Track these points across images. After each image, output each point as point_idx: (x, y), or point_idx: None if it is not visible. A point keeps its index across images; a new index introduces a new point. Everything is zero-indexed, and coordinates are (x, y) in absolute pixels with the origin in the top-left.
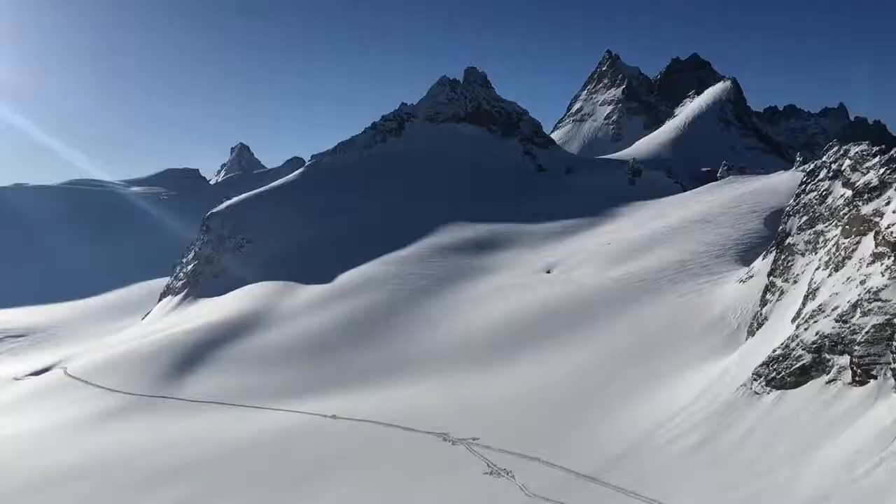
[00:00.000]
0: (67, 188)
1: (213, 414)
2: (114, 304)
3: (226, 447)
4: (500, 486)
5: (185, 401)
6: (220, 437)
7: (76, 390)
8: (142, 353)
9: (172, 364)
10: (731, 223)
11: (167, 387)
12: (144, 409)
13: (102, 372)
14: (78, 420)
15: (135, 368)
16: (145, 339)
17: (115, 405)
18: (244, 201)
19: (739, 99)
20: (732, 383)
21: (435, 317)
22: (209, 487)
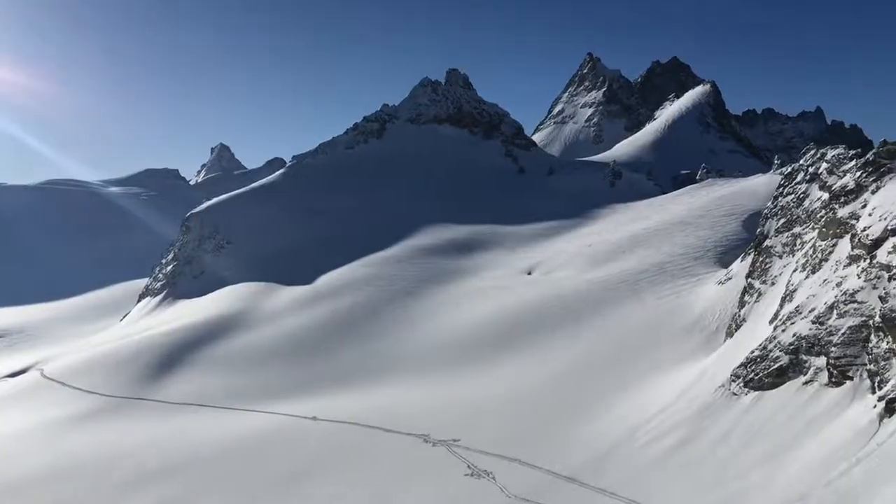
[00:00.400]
0: (45, 188)
1: (193, 416)
2: (92, 304)
3: (205, 449)
4: (481, 488)
5: (164, 403)
6: (199, 439)
7: (53, 392)
8: (120, 354)
9: (151, 365)
10: (710, 225)
11: (146, 389)
12: (123, 411)
13: (80, 373)
14: (55, 422)
15: (113, 370)
16: (124, 340)
17: (92, 407)
18: (224, 202)
19: (718, 102)
20: (711, 384)
21: (416, 318)
22: (188, 490)
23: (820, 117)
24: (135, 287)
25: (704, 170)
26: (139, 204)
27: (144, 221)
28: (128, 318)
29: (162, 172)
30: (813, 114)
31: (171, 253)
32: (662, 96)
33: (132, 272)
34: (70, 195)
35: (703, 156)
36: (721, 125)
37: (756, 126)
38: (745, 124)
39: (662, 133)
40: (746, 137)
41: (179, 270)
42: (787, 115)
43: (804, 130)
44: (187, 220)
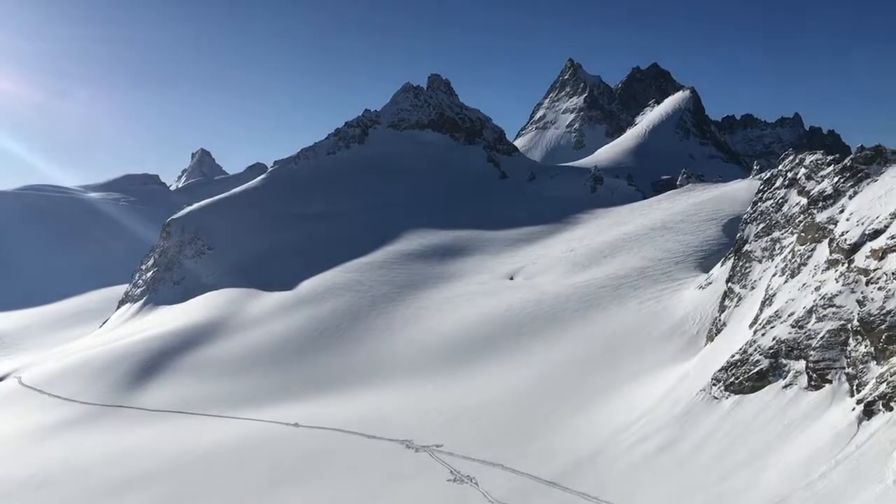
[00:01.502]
0: (22, 193)
1: (173, 423)
2: (71, 311)
3: (186, 456)
4: (464, 493)
5: (144, 410)
6: (178, 446)
7: (31, 400)
8: (99, 361)
9: (131, 373)
10: (690, 230)
11: (125, 396)
12: (102, 418)
13: (58, 381)
14: (33, 430)
15: (92, 377)
16: (103, 347)
17: (72, 415)
18: (205, 207)
19: (698, 108)
20: (692, 388)
21: (398, 324)
22: (169, 496)
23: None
24: (114, 293)
25: (685, 175)
26: (119, 209)
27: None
28: (107, 325)
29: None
30: (791, 119)
31: (151, 259)
32: (643, 102)
33: (112, 278)
34: (48, 201)
35: (683, 161)
36: (701, 131)
37: (735, 132)
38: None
39: (643, 138)
40: (726, 143)
41: (160, 276)
42: (766, 121)
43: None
44: (168, 225)
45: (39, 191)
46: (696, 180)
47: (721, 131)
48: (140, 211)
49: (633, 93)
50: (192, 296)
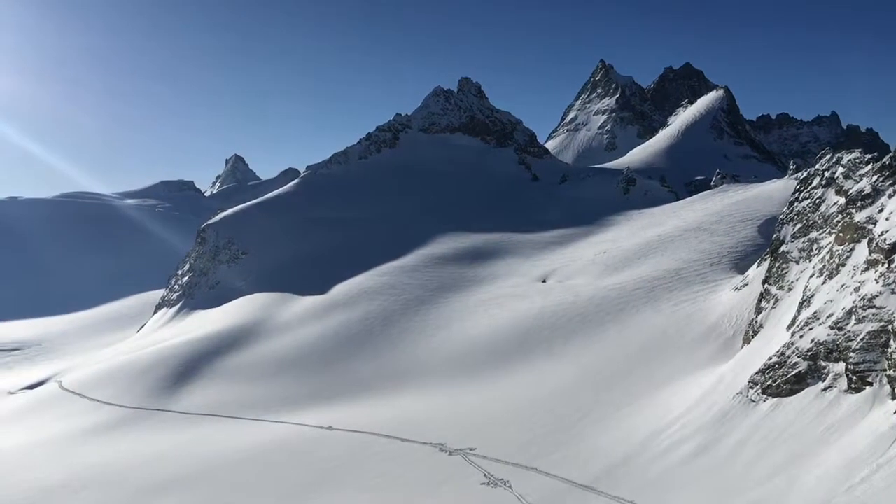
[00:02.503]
0: (62, 201)
1: (209, 426)
2: (109, 316)
3: (221, 460)
4: (498, 497)
5: (180, 413)
6: (214, 449)
7: (71, 403)
8: (136, 365)
9: (167, 376)
10: (725, 231)
11: (162, 399)
12: (139, 421)
13: (97, 385)
14: (73, 433)
15: (129, 381)
16: (140, 351)
17: (110, 418)
18: (239, 213)
19: (732, 107)
20: (728, 391)
21: (430, 327)
22: (205, 499)
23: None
24: (151, 298)
25: (719, 175)
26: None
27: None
28: (144, 330)
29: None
30: (828, 118)
31: (186, 264)
32: (675, 102)
33: (148, 284)
34: (86, 208)
35: (717, 161)
36: (735, 130)
37: (771, 131)
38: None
39: (676, 139)
40: (761, 143)
41: (195, 281)
42: (802, 120)
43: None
44: (203, 231)
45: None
46: (731, 181)
47: (756, 131)
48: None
49: (665, 93)
50: (227, 300)
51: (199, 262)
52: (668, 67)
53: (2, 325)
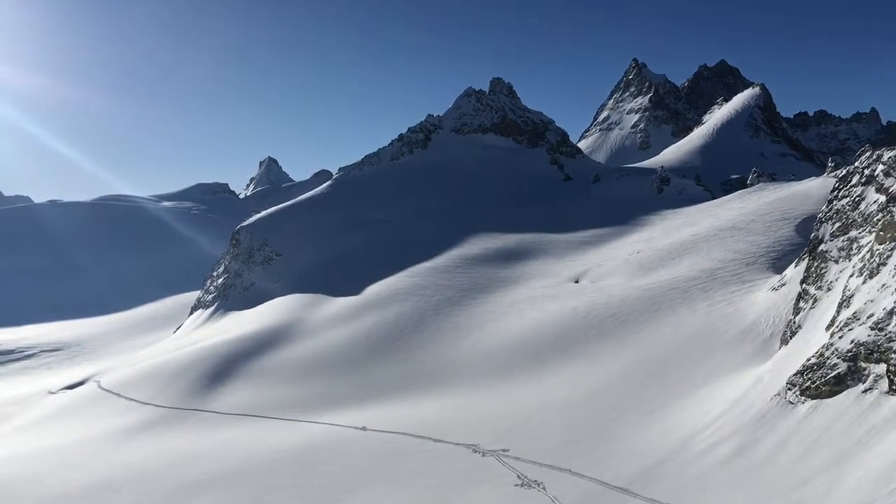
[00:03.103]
0: (99, 204)
1: (244, 426)
2: (145, 318)
3: (256, 459)
4: (532, 498)
5: (216, 413)
6: (250, 449)
7: (109, 403)
8: (173, 366)
9: (203, 377)
10: (762, 230)
11: (198, 400)
12: (176, 421)
13: (134, 385)
14: (112, 432)
15: (166, 381)
16: (177, 352)
17: (147, 418)
18: (273, 215)
19: (769, 105)
20: (766, 393)
21: (463, 328)
22: (242, 499)
23: (875, 118)
24: (187, 300)
25: (755, 174)
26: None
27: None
28: (180, 331)
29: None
30: (868, 115)
31: (221, 266)
32: (710, 101)
33: (184, 285)
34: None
35: (753, 160)
36: (772, 128)
37: (808, 129)
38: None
39: (711, 137)
40: (798, 140)
41: (230, 283)
42: (841, 117)
43: (859, 132)
44: (237, 233)
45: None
46: (768, 179)
47: (793, 128)
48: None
49: (700, 91)
50: (261, 301)
51: (234, 263)
52: (702, 65)
53: (42, 326)
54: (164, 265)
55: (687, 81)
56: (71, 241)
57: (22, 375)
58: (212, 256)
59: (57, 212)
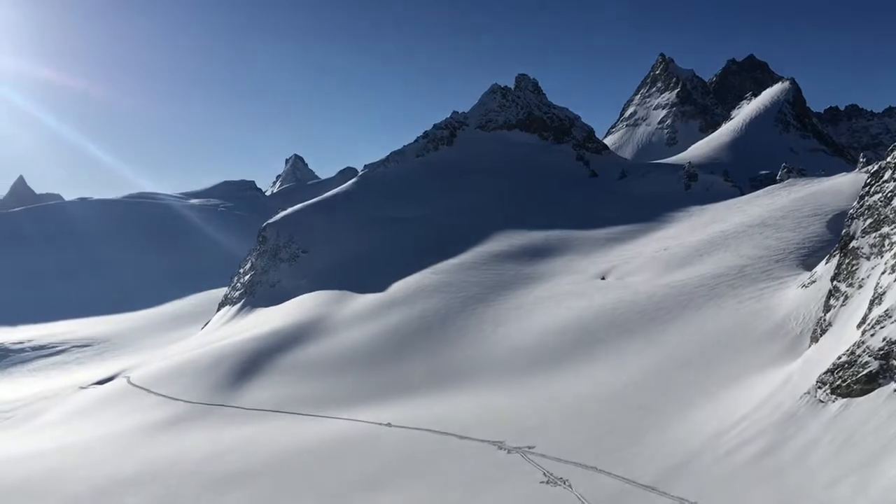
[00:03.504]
0: (129, 201)
1: (271, 422)
2: (174, 314)
3: (283, 454)
4: (557, 496)
5: (243, 409)
6: (277, 444)
7: (139, 399)
8: (201, 362)
9: (231, 373)
10: (791, 227)
11: (226, 395)
12: (204, 416)
13: (163, 380)
14: (141, 427)
15: (195, 377)
16: (205, 348)
17: (176, 413)
18: (299, 212)
19: (798, 100)
20: (796, 391)
21: (488, 325)
22: (269, 493)
23: None
24: (214, 296)
25: (785, 170)
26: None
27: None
28: (208, 327)
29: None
30: None
31: (248, 263)
32: (739, 96)
33: (211, 282)
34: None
35: (783, 155)
36: (802, 123)
37: (839, 123)
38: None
39: (740, 133)
40: (829, 135)
41: (256, 280)
42: (873, 112)
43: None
44: (263, 230)
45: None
46: (798, 175)
47: (824, 123)
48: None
49: (728, 86)
50: (288, 298)
51: (260, 260)
52: (730, 60)
53: (72, 322)
54: (192, 262)
55: (715, 76)
56: (100, 238)
57: (54, 370)
58: (238, 254)
59: (86, 209)
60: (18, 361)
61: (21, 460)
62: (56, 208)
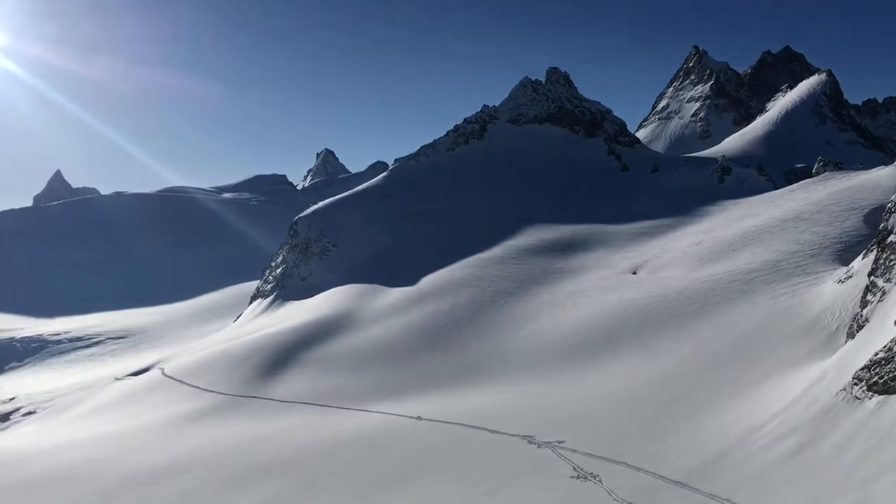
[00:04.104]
0: (162, 196)
1: (302, 414)
2: (206, 307)
3: (314, 447)
4: (588, 491)
5: (275, 401)
6: (308, 436)
7: (173, 390)
8: (234, 354)
9: (263, 365)
10: (827, 221)
11: (258, 387)
12: (236, 408)
13: (197, 372)
14: (175, 418)
15: (227, 369)
16: (237, 340)
17: (209, 404)
18: (330, 206)
19: (836, 92)
20: (831, 387)
21: (518, 319)
22: (298, 485)
23: None
24: (246, 289)
25: (821, 163)
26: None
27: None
28: (240, 320)
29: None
30: None
31: (279, 256)
32: (774, 88)
33: (243, 275)
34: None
35: (819, 148)
36: (839, 116)
37: (878, 115)
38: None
39: (775, 126)
40: (867, 128)
41: (288, 273)
42: None
43: None
44: (295, 224)
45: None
46: (834, 168)
47: (862, 116)
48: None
49: (763, 78)
50: (319, 291)
51: (292, 254)
52: (765, 51)
53: (108, 315)
54: (224, 256)
55: (750, 69)
56: (135, 231)
57: (90, 362)
58: (270, 247)
59: (121, 204)
60: (56, 353)
61: (59, 449)
62: (91, 202)
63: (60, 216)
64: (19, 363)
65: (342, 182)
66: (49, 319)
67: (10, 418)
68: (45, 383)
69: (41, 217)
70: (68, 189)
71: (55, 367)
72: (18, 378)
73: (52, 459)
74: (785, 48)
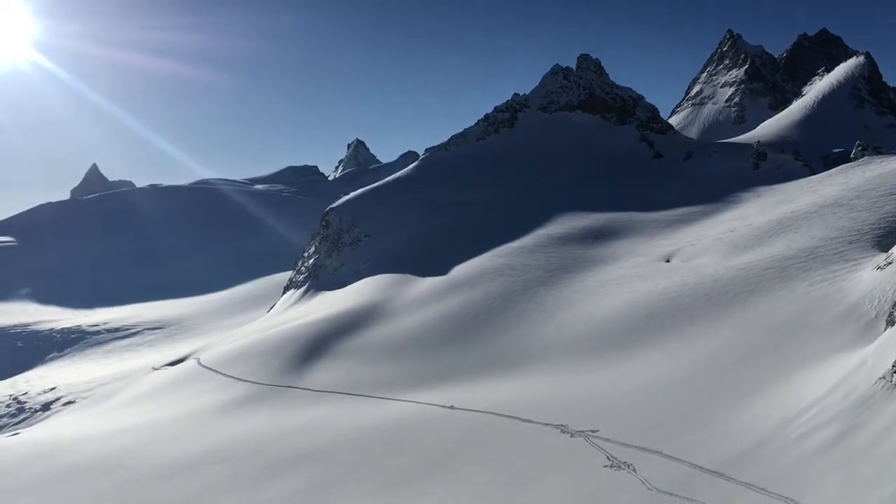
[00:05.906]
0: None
1: (336, 403)
2: (241, 297)
3: (347, 436)
4: (622, 480)
5: (309, 391)
6: (343, 425)
7: (208, 380)
8: (267, 344)
9: (296, 355)
10: (867, 206)
11: (292, 377)
12: (271, 398)
13: (232, 362)
14: (211, 408)
15: (262, 359)
16: (271, 330)
17: (244, 394)
18: (361, 196)
19: (874, 74)
20: (870, 376)
21: (550, 308)
22: (332, 473)
23: None
24: (279, 280)
25: (860, 147)
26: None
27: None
28: (273, 310)
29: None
30: None
31: (312, 246)
32: (810, 72)
33: (276, 266)
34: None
35: (857, 133)
36: (878, 99)
37: None
38: None
39: (811, 110)
40: None
41: (320, 263)
42: None
43: None
44: (326, 214)
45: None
46: (873, 152)
47: None
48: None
49: (799, 62)
50: (351, 282)
51: (324, 245)
52: (801, 34)
53: (144, 306)
54: (257, 247)
55: (785, 52)
56: (169, 223)
57: (127, 352)
58: (302, 238)
59: (155, 197)
60: (94, 343)
61: (97, 438)
62: (125, 196)
63: (97, 209)
64: (59, 354)
65: (373, 172)
66: (88, 311)
67: (50, 408)
68: (85, 373)
69: (78, 210)
70: (104, 182)
71: (94, 358)
72: (59, 368)
73: (90, 448)
74: (821, 31)
